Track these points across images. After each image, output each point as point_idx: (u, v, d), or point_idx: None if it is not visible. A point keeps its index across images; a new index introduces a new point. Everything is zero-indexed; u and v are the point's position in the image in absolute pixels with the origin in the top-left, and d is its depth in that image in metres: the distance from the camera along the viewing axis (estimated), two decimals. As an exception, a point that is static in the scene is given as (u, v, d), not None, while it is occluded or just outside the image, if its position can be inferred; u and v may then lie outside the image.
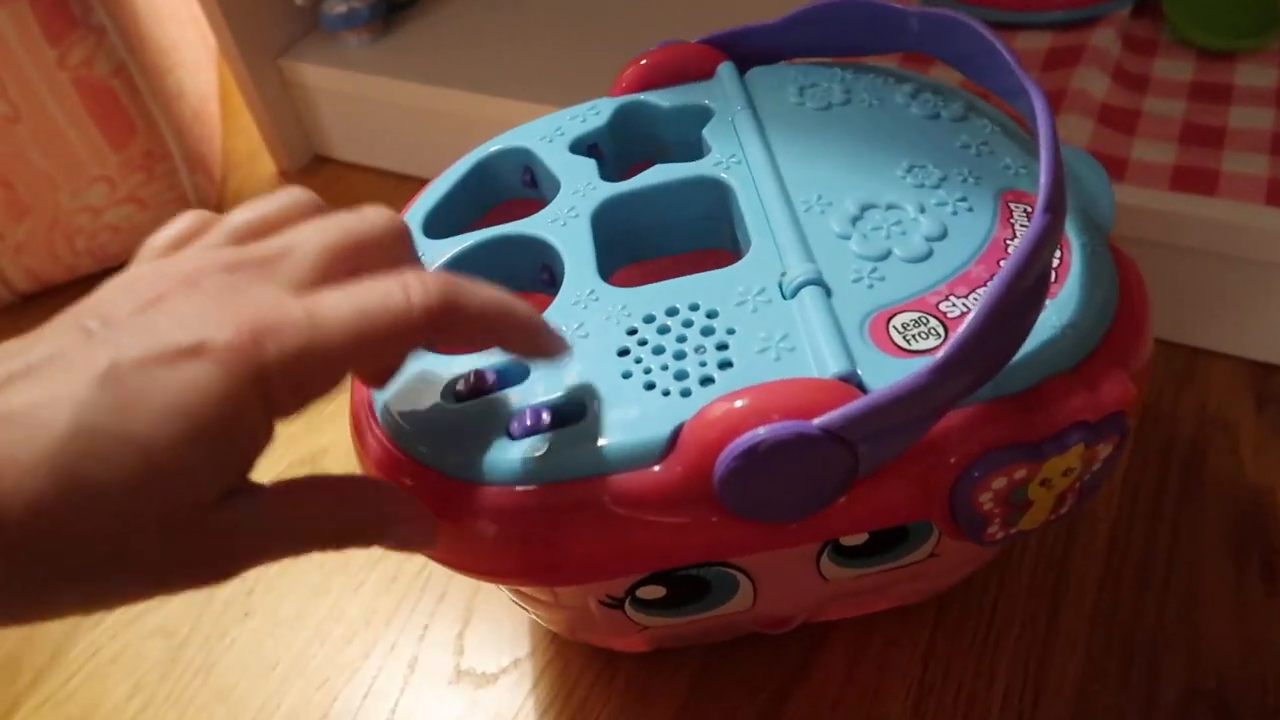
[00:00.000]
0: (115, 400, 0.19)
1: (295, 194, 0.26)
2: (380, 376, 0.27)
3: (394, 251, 0.25)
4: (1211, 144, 0.43)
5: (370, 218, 0.25)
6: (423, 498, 0.27)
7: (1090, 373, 0.26)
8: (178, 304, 0.21)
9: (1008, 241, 0.29)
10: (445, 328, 0.23)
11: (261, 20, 0.61)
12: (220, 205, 0.65)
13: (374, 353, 0.22)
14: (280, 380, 0.21)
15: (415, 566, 0.43)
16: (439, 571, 0.43)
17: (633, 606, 0.31)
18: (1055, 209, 0.25)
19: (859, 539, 0.30)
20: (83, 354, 0.20)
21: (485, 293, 0.24)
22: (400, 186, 0.65)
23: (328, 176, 0.67)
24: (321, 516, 0.23)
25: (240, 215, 0.25)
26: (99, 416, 0.19)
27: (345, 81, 0.62)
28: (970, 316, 0.24)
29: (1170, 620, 0.37)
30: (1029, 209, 0.30)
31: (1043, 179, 0.26)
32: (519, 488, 0.26)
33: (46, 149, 0.54)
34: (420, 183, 0.64)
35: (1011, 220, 0.30)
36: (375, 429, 0.29)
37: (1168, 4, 0.49)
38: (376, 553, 0.42)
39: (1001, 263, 0.28)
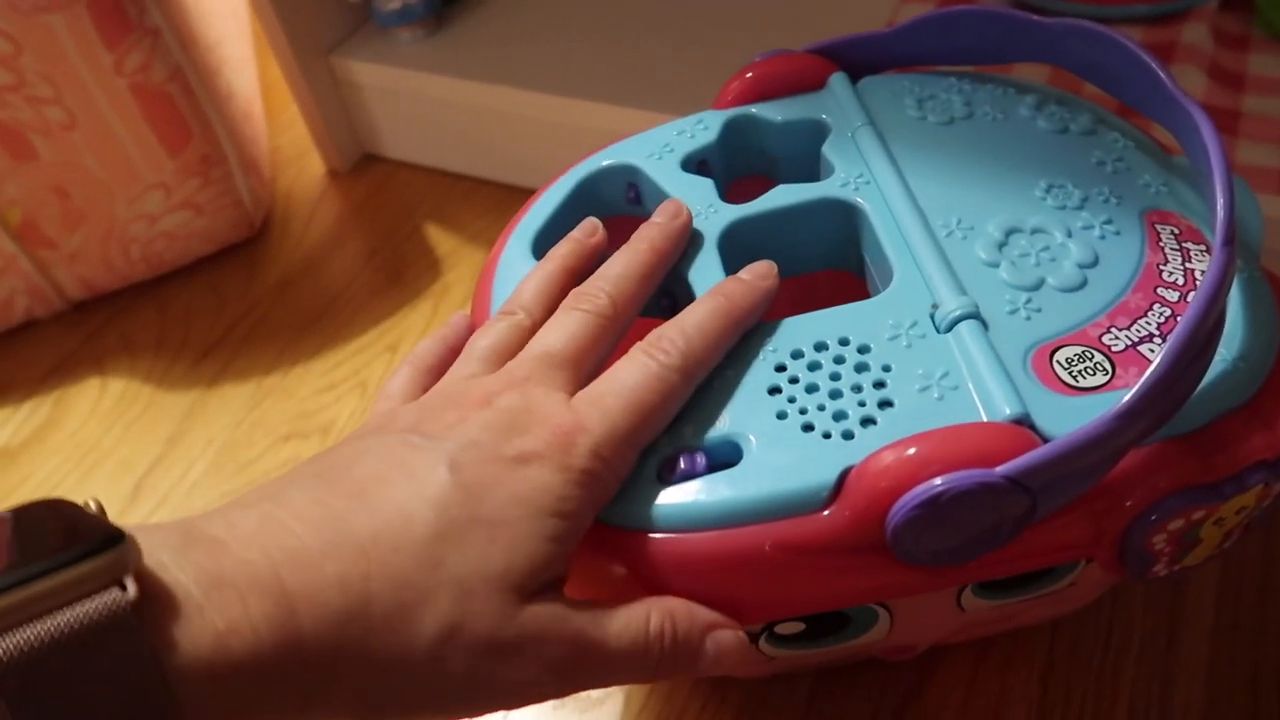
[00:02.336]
0: (465, 494, 0.23)
1: (512, 320, 0.29)
2: None
3: (614, 329, 0.28)
4: (1317, 145, 0.42)
5: (575, 315, 0.28)
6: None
7: (1264, 408, 0.25)
8: (483, 420, 0.24)
9: (1160, 266, 0.28)
10: (698, 368, 0.27)
11: (313, 16, 0.60)
12: (272, 208, 0.63)
13: (656, 418, 0.26)
14: (597, 468, 0.24)
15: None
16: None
17: (768, 641, 0.31)
18: (1233, 240, 0.24)
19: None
20: (421, 459, 0.23)
21: (696, 315, 0.27)
22: (454, 185, 0.63)
23: (377, 175, 0.65)
24: (641, 623, 0.24)
25: (480, 344, 0.28)
26: (454, 509, 0.23)
27: (397, 79, 0.60)
28: (1157, 360, 0.23)
29: (1295, 637, 0.36)
30: (1175, 230, 0.29)
31: (1220, 210, 0.25)
32: (675, 534, 0.25)
33: (102, 157, 0.53)
34: (473, 181, 0.64)
35: (1160, 244, 0.29)
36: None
37: (1261, -4, 0.47)
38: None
39: (1159, 290, 0.28)
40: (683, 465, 0.26)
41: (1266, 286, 0.28)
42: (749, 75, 0.36)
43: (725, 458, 0.26)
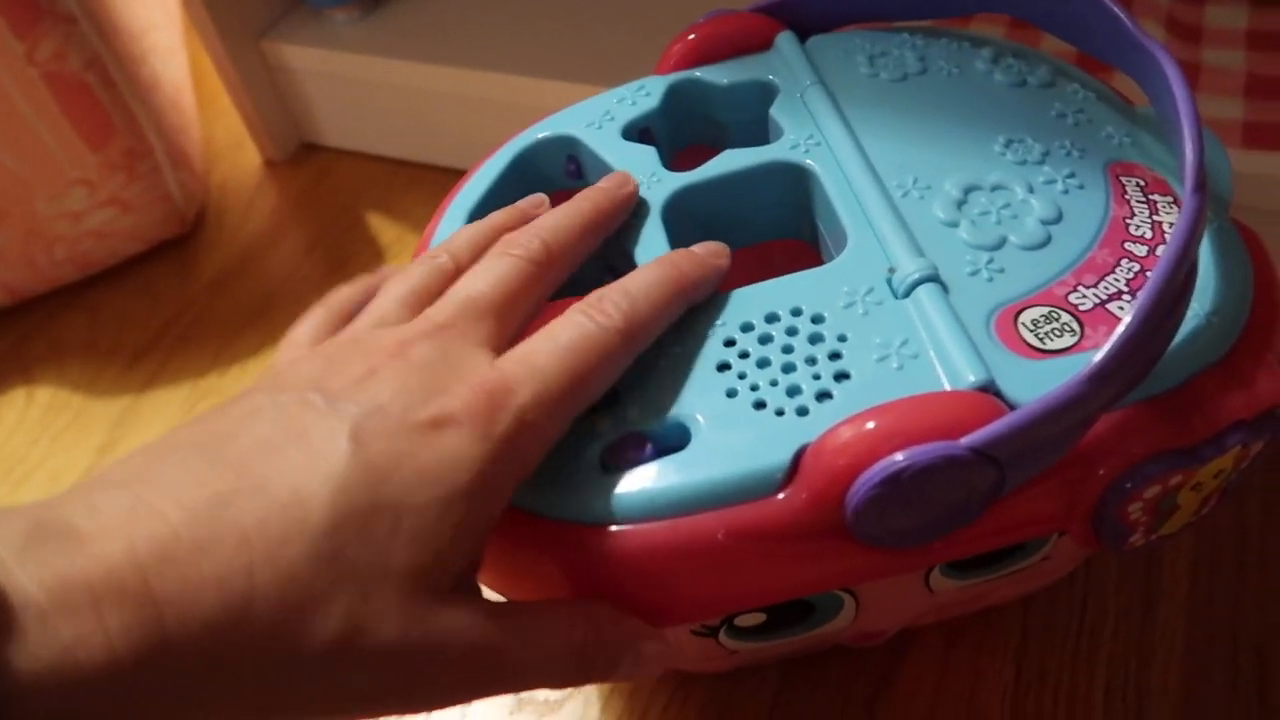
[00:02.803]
0: (367, 472, 0.20)
1: (434, 264, 0.26)
2: None
3: (547, 278, 0.26)
4: (1276, 96, 0.41)
5: (504, 260, 0.25)
6: (505, 541, 0.24)
7: (1239, 365, 0.24)
8: (395, 375, 0.22)
9: (1126, 220, 0.27)
10: (641, 333, 0.24)
11: None
12: (206, 202, 0.61)
13: (593, 383, 0.23)
14: (522, 436, 0.21)
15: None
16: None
17: (728, 634, 0.29)
18: (1203, 186, 0.23)
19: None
20: (320, 426, 0.20)
21: (642, 279, 0.25)
22: (397, 172, 0.61)
23: (317, 164, 0.63)
24: (561, 634, 0.22)
25: (396, 288, 0.25)
26: (354, 491, 0.19)
27: (334, 62, 0.58)
28: (1128, 316, 0.21)
29: (1273, 606, 0.35)
30: (1141, 182, 0.28)
31: (1189, 155, 0.23)
32: (622, 526, 0.23)
33: (19, 152, 0.50)
34: (417, 168, 0.61)
35: (1126, 196, 0.27)
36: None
37: (1216, -52, 0.46)
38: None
39: (1126, 244, 0.26)
40: (628, 451, 0.24)
41: (1237, 237, 0.27)
42: (691, 37, 0.34)
43: (673, 441, 0.24)
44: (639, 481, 0.23)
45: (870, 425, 0.22)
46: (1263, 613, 0.35)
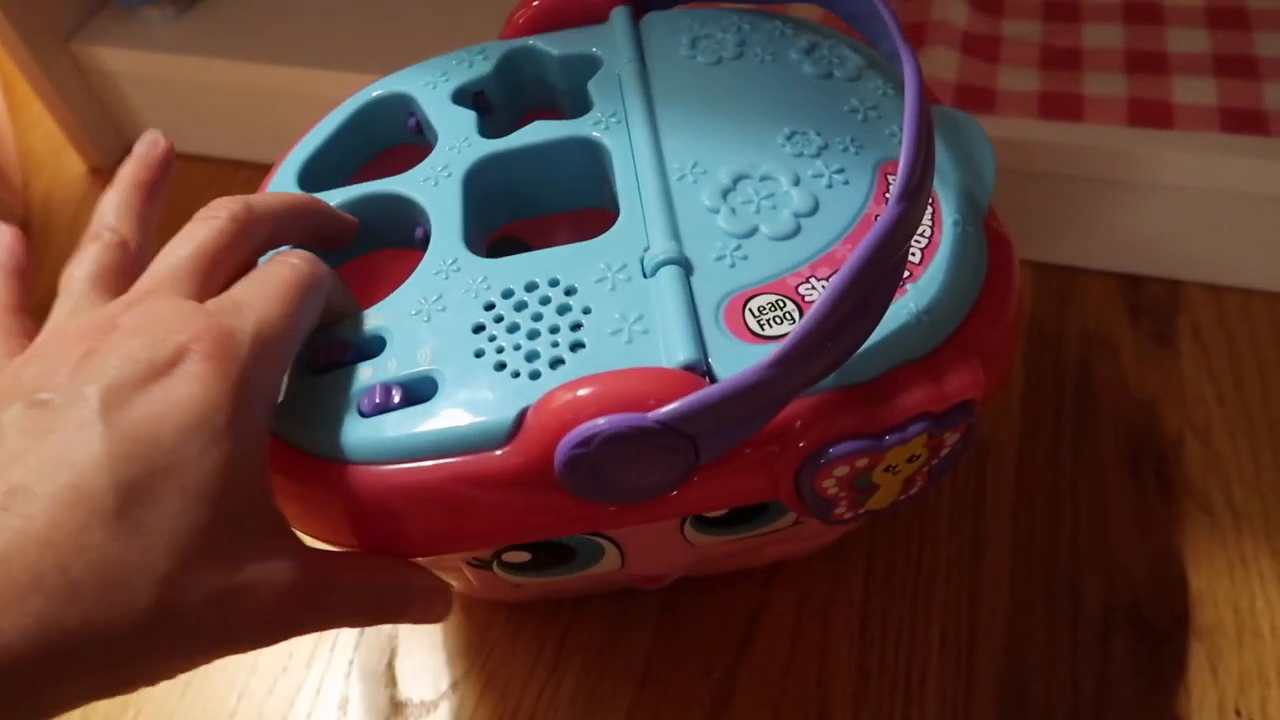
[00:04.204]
0: (132, 445, 0.20)
1: (102, 241, 0.26)
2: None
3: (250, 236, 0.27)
4: (1071, 67, 0.43)
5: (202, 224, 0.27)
6: (276, 473, 0.27)
7: (939, 362, 0.26)
8: (115, 345, 0.22)
9: (878, 218, 0.29)
10: (256, 223, 0.27)
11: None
12: (27, 216, 0.58)
13: (302, 309, 0.25)
14: (259, 362, 0.23)
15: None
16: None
17: (500, 568, 0.32)
18: (912, 196, 0.25)
19: (718, 512, 0.30)
20: (65, 418, 0.20)
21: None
22: (234, 173, 0.59)
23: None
24: (365, 583, 0.25)
25: (78, 275, 0.25)
26: (128, 466, 0.20)
27: (152, 63, 0.55)
28: (812, 309, 0.23)
29: (1083, 542, 0.38)
30: (907, 182, 0.30)
31: (902, 162, 0.25)
32: (370, 467, 0.26)
33: None
34: (255, 167, 0.60)
35: (887, 195, 0.29)
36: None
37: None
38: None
39: (868, 242, 0.28)
40: (378, 399, 0.26)
41: (981, 242, 0.29)
42: (535, 3, 0.36)
43: (422, 393, 0.26)
44: (387, 428, 0.26)
45: (581, 392, 0.24)
46: (1074, 549, 0.38)
